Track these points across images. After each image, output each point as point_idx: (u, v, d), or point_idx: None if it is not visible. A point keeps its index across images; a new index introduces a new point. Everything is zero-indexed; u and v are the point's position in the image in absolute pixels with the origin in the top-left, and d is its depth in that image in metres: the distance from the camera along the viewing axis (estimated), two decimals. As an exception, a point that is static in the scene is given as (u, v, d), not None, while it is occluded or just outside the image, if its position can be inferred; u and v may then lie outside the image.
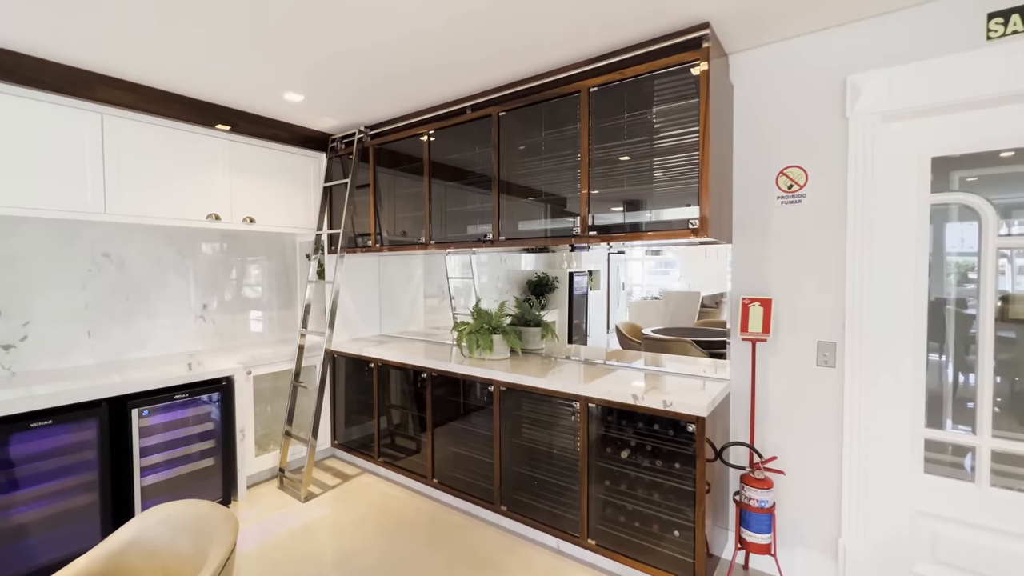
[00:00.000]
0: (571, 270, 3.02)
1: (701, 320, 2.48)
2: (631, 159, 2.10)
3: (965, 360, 1.86)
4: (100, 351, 2.73)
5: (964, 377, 1.87)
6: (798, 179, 2.06)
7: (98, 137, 2.41)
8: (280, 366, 3.12)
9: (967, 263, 1.86)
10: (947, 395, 1.90)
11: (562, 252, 3.00)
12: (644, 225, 2.08)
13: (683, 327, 2.54)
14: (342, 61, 2.27)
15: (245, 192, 3.02)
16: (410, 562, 2.26)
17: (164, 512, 1.31)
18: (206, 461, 2.67)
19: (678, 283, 2.58)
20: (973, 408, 1.83)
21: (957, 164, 1.85)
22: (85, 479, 2.23)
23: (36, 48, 2.13)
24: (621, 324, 2.77)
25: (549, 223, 2.39)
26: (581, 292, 2.99)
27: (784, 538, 2.12)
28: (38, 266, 2.51)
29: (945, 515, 1.87)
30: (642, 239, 2.08)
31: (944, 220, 1.89)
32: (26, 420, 2.05)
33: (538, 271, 3.13)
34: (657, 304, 2.65)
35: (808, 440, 2.07)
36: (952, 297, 1.89)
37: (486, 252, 3.25)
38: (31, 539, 2.06)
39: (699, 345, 2.43)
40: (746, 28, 1.97)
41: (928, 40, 1.79)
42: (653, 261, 2.70)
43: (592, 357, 2.73)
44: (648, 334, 2.67)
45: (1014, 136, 1.71)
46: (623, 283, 2.77)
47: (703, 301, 2.49)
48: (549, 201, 2.39)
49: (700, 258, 2.48)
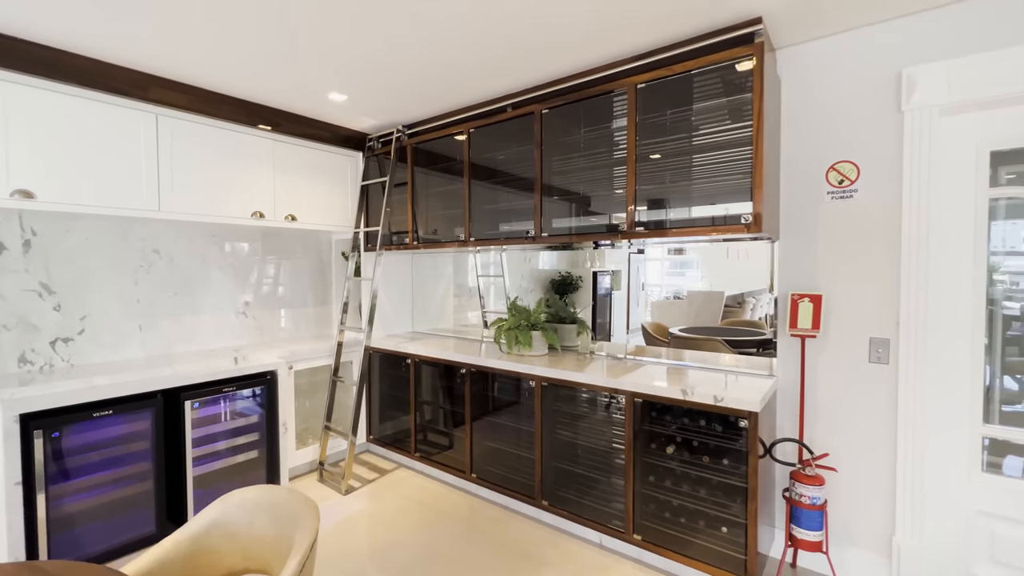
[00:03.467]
0: (595, 269, 3.02)
1: (725, 320, 2.48)
2: (679, 155, 2.10)
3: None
4: (150, 344, 2.81)
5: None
6: (849, 174, 2.04)
7: (153, 136, 2.48)
8: (318, 361, 3.18)
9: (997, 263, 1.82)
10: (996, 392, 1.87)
11: (586, 251, 3.00)
12: (692, 220, 2.08)
13: (709, 327, 2.53)
14: (384, 60, 2.31)
15: (287, 191, 3.08)
16: (452, 554, 2.29)
17: (241, 496, 1.35)
18: (251, 453, 2.73)
19: (699, 283, 2.57)
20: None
21: (1005, 160, 1.82)
22: (140, 468, 2.29)
23: (93, 50, 2.20)
24: (647, 323, 2.77)
25: (590, 220, 2.40)
26: (605, 291, 2.99)
27: (835, 536, 2.10)
28: (94, 262, 2.59)
29: (1005, 515, 1.84)
30: (690, 234, 2.08)
31: (991, 218, 1.85)
32: (89, 410, 2.12)
33: (561, 270, 3.14)
34: (680, 304, 2.65)
35: (860, 437, 2.05)
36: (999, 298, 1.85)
37: (512, 251, 3.27)
38: (93, 524, 2.13)
39: (729, 344, 2.42)
40: (797, 23, 1.96)
41: (989, 32, 1.76)
42: (670, 261, 2.70)
43: (620, 353, 2.73)
44: (676, 333, 2.66)
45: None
46: (643, 283, 2.78)
47: (726, 301, 2.49)
48: (591, 197, 2.40)
49: (722, 258, 2.47)
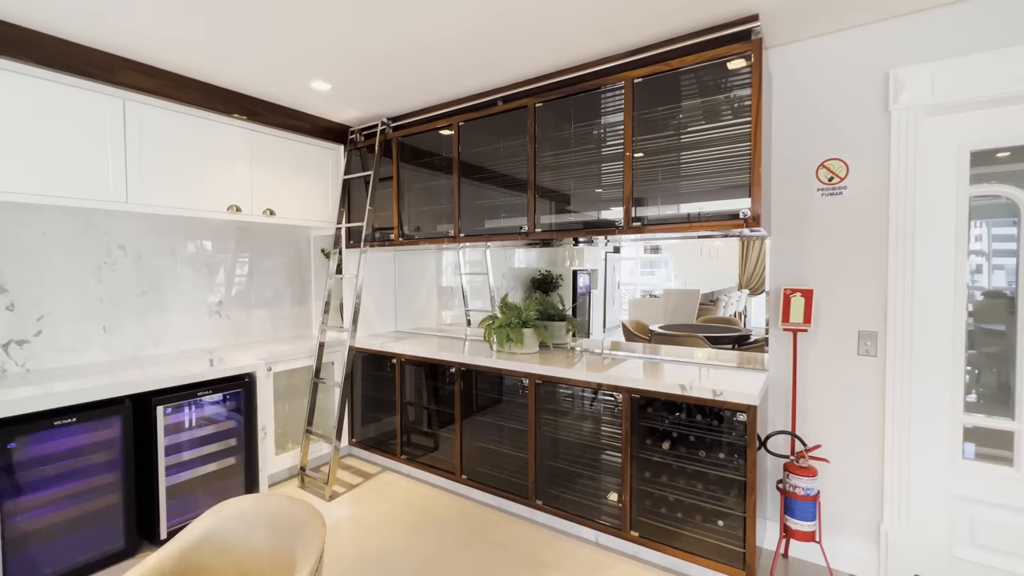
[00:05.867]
0: (574, 268, 3.02)
1: (701, 317, 2.53)
2: (675, 151, 2.10)
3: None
4: (115, 347, 2.62)
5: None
6: (839, 172, 2.09)
7: (120, 123, 2.31)
8: (298, 363, 3.04)
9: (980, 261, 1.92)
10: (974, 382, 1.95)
11: (565, 250, 3.00)
12: (689, 217, 2.09)
13: (687, 324, 2.57)
14: (371, 48, 2.22)
15: (265, 184, 2.94)
16: (447, 561, 2.22)
17: (236, 507, 1.26)
18: (228, 460, 2.58)
19: (672, 282, 2.62)
20: (1008, 396, 1.89)
21: (986, 160, 1.90)
22: (108, 479, 2.13)
23: (55, 28, 2.03)
24: (627, 321, 2.79)
25: (589, 215, 2.38)
26: (584, 290, 2.99)
27: (827, 525, 2.15)
28: (53, 258, 2.39)
29: (984, 499, 1.92)
30: (688, 230, 2.09)
31: (972, 217, 1.94)
32: (50, 418, 1.95)
33: (541, 269, 3.12)
34: (657, 302, 2.68)
35: (849, 428, 2.11)
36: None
37: (493, 249, 3.23)
38: (54, 543, 1.96)
39: (708, 341, 2.47)
40: (791, 21, 2.00)
41: (972, 35, 1.83)
42: (644, 260, 2.74)
43: (602, 350, 2.74)
44: (657, 330, 2.69)
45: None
46: (619, 282, 2.80)
47: (700, 299, 2.54)
48: (585, 193, 2.38)
49: (695, 257, 2.52)
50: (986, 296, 1.94)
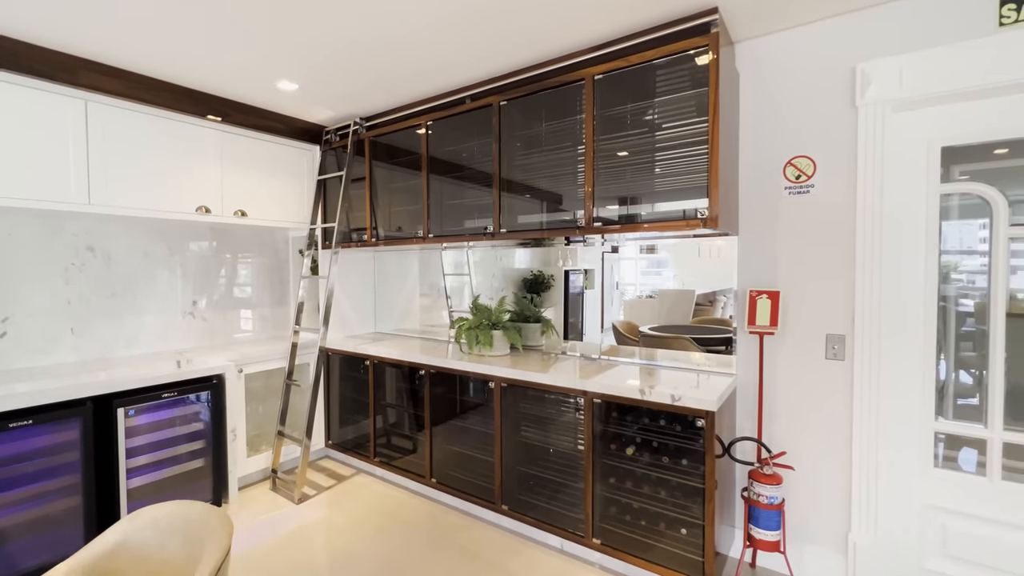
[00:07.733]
0: (567, 268, 2.97)
1: (696, 318, 2.45)
2: (636, 149, 2.05)
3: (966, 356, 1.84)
4: (84, 348, 2.62)
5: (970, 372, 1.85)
6: (806, 169, 2.03)
7: (82, 125, 2.31)
8: (272, 364, 3.03)
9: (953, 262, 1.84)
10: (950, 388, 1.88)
11: (558, 250, 2.94)
12: (650, 216, 2.03)
13: (679, 325, 2.51)
14: (337, 47, 2.20)
15: (237, 185, 2.92)
16: (410, 566, 2.19)
17: (152, 514, 1.23)
18: (196, 462, 2.57)
19: (671, 282, 2.55)
20: (981, 402, 1.81)
21: (959, 158, 1.83)
22: (68, 482, 2.12)
23: (13, 29, 2.03)
24: (618, 322, 2.73)
25: (551, 215, 2.34)
26: (577, 290, 2.94)
27: (793, 534, 2.09)
28: (19, 260, 2.40)
29: (955, 509, 1.85)
30: (648, 230, 2.03)
31: (944, 217, 1.86)
32: (5, 420, 1.95)
33: (533, 269, 3.07)
34: (652, 303, 2.62)
35: (817, 434, 2.04)
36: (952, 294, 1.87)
37: (482, 248, 3.19)
38: (9, 545, 1.96)
39: (697, 342, 2.40)
40: (753, 15, 1.93)
41: (940, 27, 1.76)
42: (646, 260, 2.67)
43: (591, 353, 2.68)
44: (646, 332, 2.63)
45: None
46: (616, 282, 2.74)
47: (697, 299, 2.47)
48: (551, 192, 2.34)
49: (694, 256, 2.45)
50: (958, 298, 1.86)
